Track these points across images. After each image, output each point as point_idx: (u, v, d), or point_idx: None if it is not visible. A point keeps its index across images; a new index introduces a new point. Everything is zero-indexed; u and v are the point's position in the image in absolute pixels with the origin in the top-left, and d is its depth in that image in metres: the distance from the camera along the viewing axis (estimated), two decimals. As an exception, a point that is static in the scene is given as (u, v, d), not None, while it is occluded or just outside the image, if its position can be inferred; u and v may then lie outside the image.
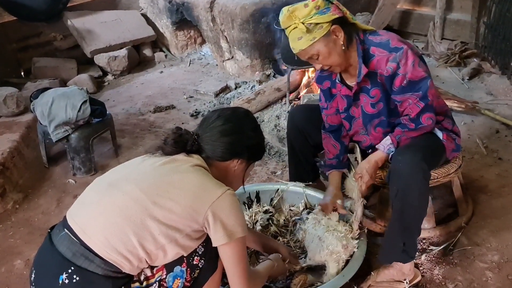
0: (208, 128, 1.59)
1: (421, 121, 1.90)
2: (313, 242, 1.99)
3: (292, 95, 3.69)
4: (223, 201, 1.44)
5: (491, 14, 3.95)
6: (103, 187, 1.49)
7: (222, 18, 4.26)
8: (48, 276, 1.40)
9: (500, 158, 2.82)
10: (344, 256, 1.90)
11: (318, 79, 2.13)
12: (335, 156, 2.16)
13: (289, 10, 1.81)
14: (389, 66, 1.85)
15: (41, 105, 2.99)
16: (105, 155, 3.34)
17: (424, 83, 1.86)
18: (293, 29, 1.82)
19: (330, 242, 1.92)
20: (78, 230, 1.41)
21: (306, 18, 1.79)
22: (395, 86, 1.87)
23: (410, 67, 1.83)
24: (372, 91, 1.94)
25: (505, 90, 3.58)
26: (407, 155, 1.84)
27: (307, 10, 1.79)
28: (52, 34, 4.97)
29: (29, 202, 2.86)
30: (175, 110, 4.02)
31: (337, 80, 2.04)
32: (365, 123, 2.05)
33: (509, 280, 1.97)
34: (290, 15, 1.81)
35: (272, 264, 1.81)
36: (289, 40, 1.87)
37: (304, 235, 2.07)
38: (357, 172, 2.02)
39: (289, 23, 1.82)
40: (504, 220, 2.30)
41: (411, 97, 1.87)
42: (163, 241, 1.40)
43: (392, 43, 1.86)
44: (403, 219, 1.85)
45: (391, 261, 1.93)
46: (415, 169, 1.80)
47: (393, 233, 1.90)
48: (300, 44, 1.82)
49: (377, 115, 1.99)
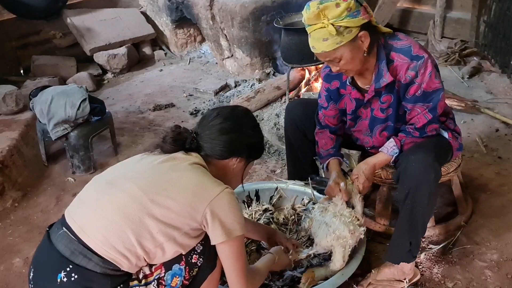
0: (207, 126, 1.59)
1: (426, 131, 1.91)
2: (320, 228, 1.96)
3: (292, 93, 3.69)
4: (222, 199, 1.44)
5: (491, 12, 3.95)
6: (102, 185, 1.49)
7: (221, 16, 4.25)
8: (47, 274, 1.40)
9: (499, 157, 2.81)
10: (351, 241, 1.88)
11: (326, 77, 2.07)
12: (332, 146, 2.14)
13: (319, 7, 1.68)
14: (408, 74, 1.81)
15: (40, 103, 2.98)
16: (105, 153, 3.33)
17: (437, 95, 1.86)
18: (319, 28, 1.71)
19: (337, 227, 1.90)
20: (76, 228, 1.41)
21: (337, 20, 1.68)
22: (409, 94, 1.86)
23: (427, 77, 1.81)
24: (384, 96, 1.92)
25: (505, 89, 3.58)
26: (420, 154, 1.82)
27: (339, 11, 1.68)
28: (51, 32, 4.95)
29: (28, 200, 2.86)
30: (175, 109, 4.01)
31: (348, 82, 1.98)
32: (371, 126, 2.03)
33: (508, 279, 1.97)
34: (319, 13, 1.69)
35: (273, 258, 1.80)
36: (311, 38, 1.77)
37: (310, 223, 2.04)
38: (353, 173, 2.02)
39: (315, 21, 1.71)
40: (503, 219, 2.30)
41: (421, 107, 1.87)
42: (162, 239, 1.40)
43: (414, 51, 1.81)
44: (412, 219, 1.84)
45: (399, 261, 1.91)
46: (427, 169, 1.80)
47: (402, 233, 1.88)
48: (325, 45, 1.73)
49: (385, 120, 1.98)
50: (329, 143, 2.15)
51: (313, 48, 1.78)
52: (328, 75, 2.05)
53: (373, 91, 1.91)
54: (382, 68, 1.84)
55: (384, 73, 1.84)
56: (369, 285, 1.94)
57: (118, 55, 4.82)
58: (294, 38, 3.33)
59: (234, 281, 1.51)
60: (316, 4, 1.69)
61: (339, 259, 1.87)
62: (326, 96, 2.10)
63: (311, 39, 1.77)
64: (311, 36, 1.76)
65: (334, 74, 1.99)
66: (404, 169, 1.84)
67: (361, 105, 2.00)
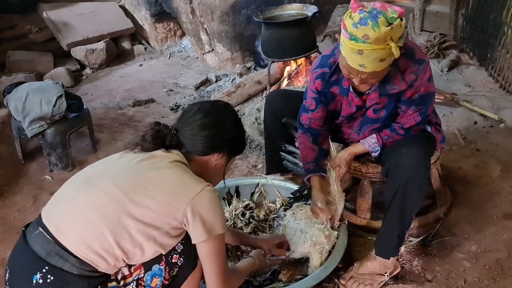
0: (187, 122, 1.56)
1: (411, 131, 1.92)
2: (295, 235, 1.99)
3: (273, 87, 3.67)
4: (203, 197, 1.42)
5: (469, 6, 3.99)
6: (79, 184, 1.46)
7: (201, 10, 4.21)
8: (22, 275, 1.37)
9: (477, 149, 2.85)
10: (327, 246, 1.92)
11: (326, 84, 1.94)
12: (313, 160, 2.07)
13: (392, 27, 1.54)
14: (409, 78, 1.79)
15: (15, 100, 2.91)
16: (83, 150, 3.27)
17: (430, 99, 1.87)
18: (379, 49, 1.59)
19: (312, 234, 1.93)
20: (52, 228, 1.38)
21: (398, 41, 1.59)
22: (405, 96, 1.84)
23: (425, 81, 1.81)
24: (381, 98, 1.89)
25: (483, 81, 3.63)
26: (412, 150, 1.83)
27: (401, 31, 1.57)
28: (27, 26, 4.84)
29: (4, 200, 2.79)
30: (155, 104, 3.96)
31: (351, 89, 1.90)
32: (362, 125, 2.01)
33: (486, 269, 2.00)
34: (387, 34, 1.55)
35: (253, 261, 1.80)
36: (361, 56, 1.61)
37: (284, 230, 2.06)
38: (335, 162, 2.03)
39: (380, 42, 1.56)
40: (481, 211, 2.34)
41: (413, 110, 1.87)
42: (141, 239, 1.38)
43: (417, 54, 1.78)
44: (401, 213, 1.85)
45: (389, 256, 1.91)
46: (419, 163, 1.81)
47: (391, 227, 1.88)
48: (379, 66, 1.63)
49: (376, 120, 1.96)
50: (310, 155, 2.07)
51: (362, 66, 1.65)
52: (328, 82, 1.93)
53: (377, 97, 1.86)
54: (391, 73, 1.78)
55: (395, 80, 1.79)
56: (351, 278, 1.95)
57: (96, 50, 4.74)
58: (274, 32, 3.31)
59: (212, 280, 1.49)
60: (385, 23, 1.56)
61: (316, 264, 1.89)
62: (316, 99, 2.01)
63: (362, 57, 1.62)
64: (364, 54, 1.61)
65: (333, 80, 1.92)
66: (395, 163, 1.84)
67: (361, 110, 1.97)
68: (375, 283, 1.93)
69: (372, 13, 1.59)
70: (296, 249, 1.96)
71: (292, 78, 3.72)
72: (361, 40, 1.59)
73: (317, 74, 1.96)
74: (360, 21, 1.58)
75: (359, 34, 1.58)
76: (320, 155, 2.08)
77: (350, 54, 1.65)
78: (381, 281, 1.94)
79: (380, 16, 1.57)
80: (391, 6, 1.63)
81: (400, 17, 1.60)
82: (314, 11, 3.29)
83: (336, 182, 2.02)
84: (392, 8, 1.62)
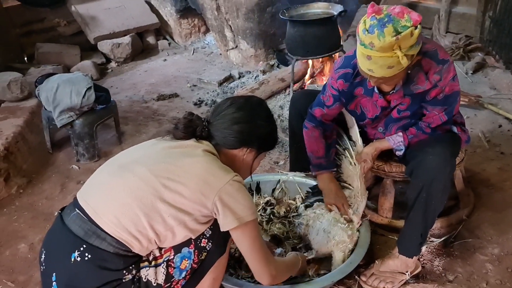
0: (219, 115, 1.60)
1: (437, 130, 1.94)
2: (318, 235, 2.01)
3: (296, 85, 3.69)
4: (231, 186, 1.45)
5: (497, 8, 3.94)
6: (114, 169, 1.51)
7: (227, 7, 4.24)
8: (60, 254, 1.42)
9: (502, 152, 2.83)
10: (350, 245, 1.95)
11: (350, 86, 1.96)
12: (323, 155, 2.09)
13: (398, 38, 1.55)
14: (434, 78, 1.80)
15: (46, 90, 2.99)
16: (109, 142, 3.35)
17: (455, 98, 1.88)
18: (387, 57, 1.61)
19: (336, 233, 1.96)
20: (89, 210, 1.43)
21: (409, 50, 1.61)
22: (430, 96, 1.85)
23: (450, 81, 1.82)
24: (405, 98, 1.90)
25: (509, 84, 3.58)
26: (438, 148, 1.84)
27: (412, 41, 1.59)
28: (55, 19, 4.95)
29: (33, 187, 2.88)
30: (179, 99, 4.02)
31: (375, 90, 1.92)
32: (387, 124, 2.03)
33: (509, 272, 1.99)
34: (392, 44, 1.57)
35: (297, 258, 1.83)
36: (370, 62, 1.65)
37: (306, 229, 2.09)
38: (361, 156, 2.04)
39: (387, 51, 1.59)
40: (505, 213, 2.32)
41: (439, 110, 1.88)
42: (172, 223, 1.42)
43: (440, 55, 1.79)
44: (426, 212, 1.85)
45: (412, 255, 1.92)
46: (444, 162, 1.81)
47: (415, 225, 1.88)
48: (388, 72, 1.66)
49: (401, 119, 1.98)
50: (321, 150, 2.10)
51: (371, 71, 1.68)
52: (352, 84, 1.95)
53: (401, 97, 1.88)
54: (414, 74, 1.80)
55: (419, 80, 1.81)
56: (372, 275, 1.96)
57: (122, 44, 4.82)
58: (299, 30, 3.33)
59: (255, 267, 1.53)
60: (392, 33, 1.56)
61: (339, 262, 1.92)
62: (335, 96, 2.03)
63: (371, 63, 1.65)
64: (372, 60, 1.64)
65: (357, 81, 1.94)
66: (420, 162, 1.84)
67: (386, 110, 1.98)
68: (396, 281, 1.94)
69: (383, 20, 1.59)
70: (319, 249, 1.99)
71: (315, 76, 3.73)
72: (368, 47, 1.62)
73: (339, 74, 1.98)
74: (369, 28, 1.60)
75: (366, 41, 1.61)
76: (328, 150, 2.12)
77: (361, 57, 1.70)
78: (402, 280, 1.95)
79: (389, 25, 1.57)
80: (410, 13, 1.61)
81: (415, 25, 1.60)
82: (340, 10, 3.29)
83: (361, 178, 2.04)
84: (410, 15, 1.60)
